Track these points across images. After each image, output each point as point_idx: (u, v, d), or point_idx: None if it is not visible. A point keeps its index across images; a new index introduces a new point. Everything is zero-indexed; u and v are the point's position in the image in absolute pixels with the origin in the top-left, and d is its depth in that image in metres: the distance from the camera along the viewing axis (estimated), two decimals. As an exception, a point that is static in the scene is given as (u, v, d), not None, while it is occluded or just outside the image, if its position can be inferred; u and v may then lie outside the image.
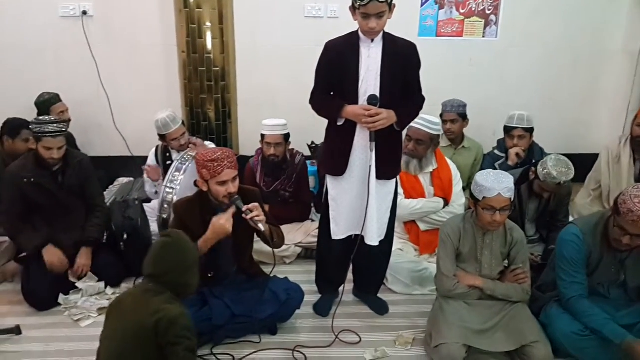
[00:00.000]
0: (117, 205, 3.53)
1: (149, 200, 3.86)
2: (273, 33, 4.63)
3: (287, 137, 3.75)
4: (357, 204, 2.75)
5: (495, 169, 3.32)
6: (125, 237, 3.32)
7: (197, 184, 2.66)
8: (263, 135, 3.72)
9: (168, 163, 3.72)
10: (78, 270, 3.16)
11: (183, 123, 3.79)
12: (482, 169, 3.45)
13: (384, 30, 2.58)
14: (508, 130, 3.86)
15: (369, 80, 2.59)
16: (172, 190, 3.32)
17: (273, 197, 3.76)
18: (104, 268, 3.23)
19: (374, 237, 2.76)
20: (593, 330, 2.50)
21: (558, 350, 2.56)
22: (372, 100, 2.55)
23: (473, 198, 2.60)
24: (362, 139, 2.66)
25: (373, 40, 2.57)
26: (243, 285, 2.81)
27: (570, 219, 3.29)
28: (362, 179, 2.69)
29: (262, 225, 2.56)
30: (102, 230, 3.34)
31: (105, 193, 4.05)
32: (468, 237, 2.69)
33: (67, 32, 4.47)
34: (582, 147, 5.02)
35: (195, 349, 2.07)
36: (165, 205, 3.32)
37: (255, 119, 3.97)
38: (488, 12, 4.77)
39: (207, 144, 3.88)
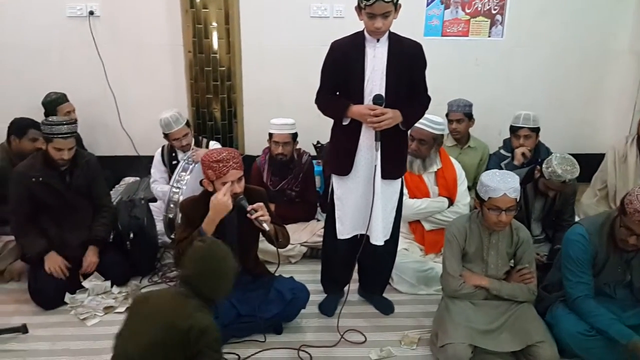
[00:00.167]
0: (123, 205, 3.54)
1: (155, 200, 3.88)
2: (279, 33, 4.64)
3: (295, 136, 3.76)
4: (362, 204, 2.76)
5: (501, 169, 3.32)
6: (132, 236, 3.33)
7: (202, 184, 2.66)
8: (271, 134, 3.73)
9: (174, 163, 3.74)
10: (87, 268, 3.17)
11: (188, 124, 3.80)
12: (487, 169, 3.44)
13: (390, 30, 2.57)
14: (514, 130, 3.86)
15: (375, 80, 2.59)
16: (178, 190, 3.35)
17: (279, 196, 3.76)
18: (110, 267, 3.24)
19: (379, 236, 2.76)
20: (599, 331, 2.49)
21: (564, 351, 2.56)
22: (377, 100, 2.55)
23: (479, 198, 2.59)
24: (367, 139, 2.66)
25: (379, 40, 2.57)
26: (248, 285, 2.81)
27: (577, 219, 3.29)
28: (367, 179, 2.70)
29: (266, 225, 2.56)
30: (108, 230, 3.35)
31: (112, 192, 4.06)
32: (474, 237, 2.68)
33: (74, 32, 4.49)
34: (588, 147, 4.99)
35: None
36: (172, 205, 3.35)
37: (261, 119, 3.97)
38: (494, 11, 4.76)
39: (212, 144, 3.90)
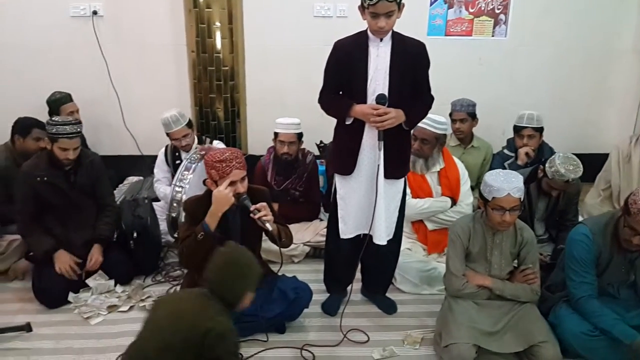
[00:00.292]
0: (126, 204, 3.54)
1: (159, 199, 3.88)
2: (282, 33, 4.64)
3: (300, 136, 3.76)
4: (365, 203, 2.75)
5: (505, 169, 3.31)
6: (135, 235, 3.34)
7: (206, 183, 2.66)
8: (276, 134, 3.73)
9: (177, 162, 3.74)
10: (92, 266, 3.17)
11: (190, 124, 3.79)
12: (491, 169, 3.44)
13: (393, 30, 2.57)
14: (517, 130, 3.85)
15: (378, 80, 2.58)
16: (181, 189, 3.35)
17: (283, 195, 3.76)
18: (114, 266, 3.24)
19: (382, 236, 2.76)
20: (602, 331, 2.49)
21: (567, 351, 2.55)
22: (380, 100, 2.55)
23: (482, 198, 2.58)
24: (370, 138, 2.66)
25: (382, 40, 2.57)
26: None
27: (580, 219, 3.28)
28: (370, 178, 2.69)
29: (269, 225, 2.56)
30: (112, 229, 3.36)
31: (115, 192, 4.06)
32: (478, 237, 2.68)
33: (77, 32, 4.50)
34: (592, 146, 4.98)
35: None
36: (175, 204, 3.35)
37: (264, 119, 3.98)
38: (497, 11, 4.75)
39: (216, 143, 3.90)
